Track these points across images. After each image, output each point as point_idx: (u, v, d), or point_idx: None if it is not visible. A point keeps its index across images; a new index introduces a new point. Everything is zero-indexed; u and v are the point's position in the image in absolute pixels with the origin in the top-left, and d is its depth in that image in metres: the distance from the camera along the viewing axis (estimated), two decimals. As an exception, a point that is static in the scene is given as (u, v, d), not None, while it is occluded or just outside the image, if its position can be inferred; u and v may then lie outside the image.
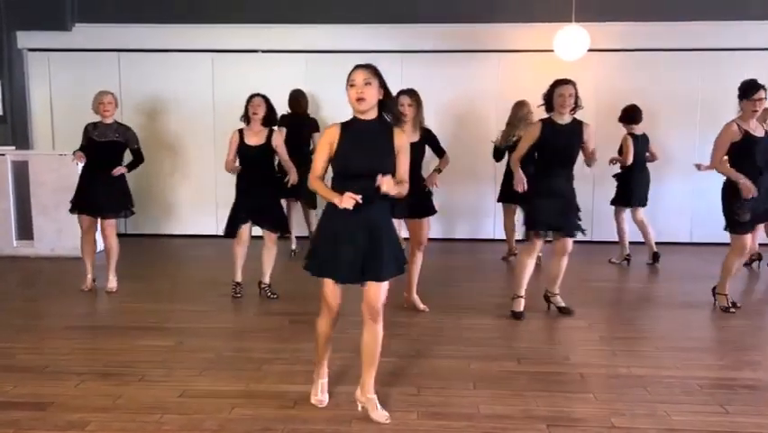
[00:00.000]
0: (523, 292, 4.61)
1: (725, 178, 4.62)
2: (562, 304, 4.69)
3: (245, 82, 6.84)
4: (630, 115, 6.32)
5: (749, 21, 7.05)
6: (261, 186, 4.93)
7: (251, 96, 4.95)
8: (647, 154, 6.40)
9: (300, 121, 6.50)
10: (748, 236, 4.57)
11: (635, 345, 4.11)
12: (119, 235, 5.42)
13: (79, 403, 3.16)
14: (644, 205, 6.42)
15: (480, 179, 7.46)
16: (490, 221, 7.62)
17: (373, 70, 2.83)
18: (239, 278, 5.11)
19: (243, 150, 4.92)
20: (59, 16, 7.42)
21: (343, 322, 3.18)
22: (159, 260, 6.80)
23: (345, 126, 2.89)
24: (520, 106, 6.07)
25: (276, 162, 5.26)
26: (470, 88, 7.49)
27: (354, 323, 3.15)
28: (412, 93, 4.50)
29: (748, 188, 4.38)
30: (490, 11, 7.20)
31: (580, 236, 4.54)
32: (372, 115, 2.87)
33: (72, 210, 5.24)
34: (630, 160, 6.25)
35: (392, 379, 3.46)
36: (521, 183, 4.49)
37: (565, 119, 4.42)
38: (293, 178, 4.94)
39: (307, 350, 3.88)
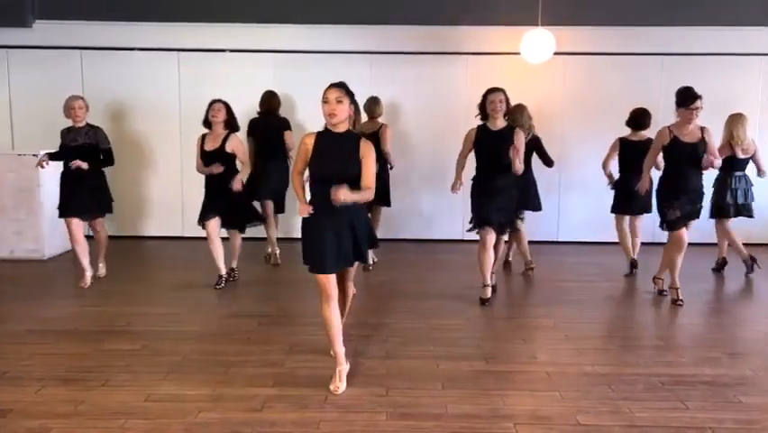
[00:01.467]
0: (488, 281, 4.98)
1: (659, 180, 5.05)
2: (486, 296, 4.95)
3: (212, 82, 6.80)
4: (631, 120, 5.92)
5: (712, 26, 7.26)
6: (223, 188, 5.15)
7: (212, 102, 5.21)
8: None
9: (271, 121, 6.44)
10: (682, 231, 4.90)
11: (599, 343, 4.19)
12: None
13: (40, 409, 3.08)
14: (643, 212, 6.04)
15: (447, 179, 7.49)
16: (458, 222, 7.68)
17: (345, 89, 3.23)
18: (222, 271, 5.36)
19: (203, 155, 5.22)
20: (18, 12, 7.21)
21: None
22: (125, 262, 6.66)
23: (320, 135, 3.30)
24: (521, 111, 5.73)
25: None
26: (439, 90, 7.53)
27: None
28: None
29: (643, 183, 5.15)
30: (458, 13, 7.26)
31: (546, 237, 4.62)
32: (344, 127, 3.27)
33: (60, 215, 5.32)
34: (608, 167, 6.03)
35: (361, 380, 3.46)
36: (456, 185, 5.01)
37: (498, 124, 4.78)
38: (236, 184, 5.16)
39: (276, 352, 3.87)
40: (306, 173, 3.43)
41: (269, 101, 6.50)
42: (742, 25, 7.25)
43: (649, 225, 7.30)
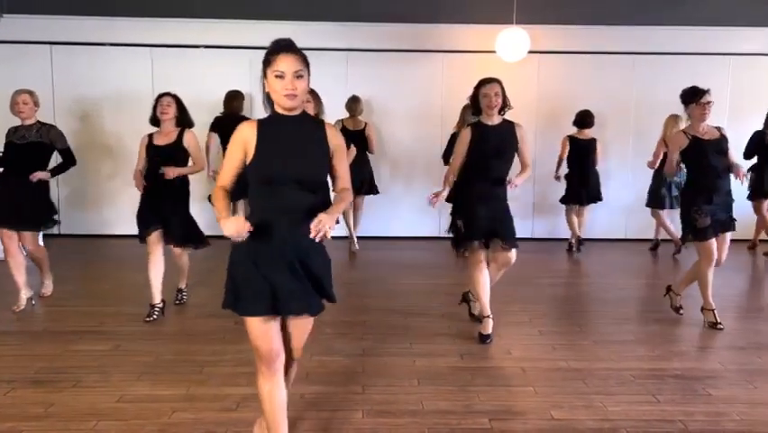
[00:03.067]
0: (488, 311, 4.14)
1: (684, 189, 4.61)
2: (487, 331, 4.17)
3: (186, 79, 6.71)
4: (576, 120, 6.79)
5: (682, 26, 7.40)
6: (170, 193, 4.43)
7: (160, 96, 4.46)
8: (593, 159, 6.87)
9: (232, 123, 6.38)
10: (712, 242, 4.34)
11: (573, 338, 4.24)
12: (56, 236, 5.14)
13: (10, 412, 3.02)
14: (592, 201, 6.91)
15: (424, 177, 7.52)
16: (436, 220, 7.71)
17: (304, 59, 2.26)
18: (155, 299, 4.50)
19: (152, 152, 4.42)
20: (-15, 6, 7.06)
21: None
22: (97, 261, 6.57)
23: (264, 124, 2.32)
24: (467, 109, 6.04)
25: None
26: (415, 88, 7.55)
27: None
28: (311, 90, 4.25)
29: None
30: (435, 11, 7.28)
31: (520, 234, 4.42)
32: (299, 109, 2.33)
33: None
34: (562, 163, 6.84)
35: (337, 378, 3.46)
36: (445, 191, 4.07)
37: (494, 120, 4.05)
38: (171, 172, 4.31)
39: (251, 351, 3.81)
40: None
41: (230, 103, 6.45)
42: (711, 25, 7.40)
43: (621, 221, 7.41)
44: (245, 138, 2.29)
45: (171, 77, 7.17)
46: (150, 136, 4.53)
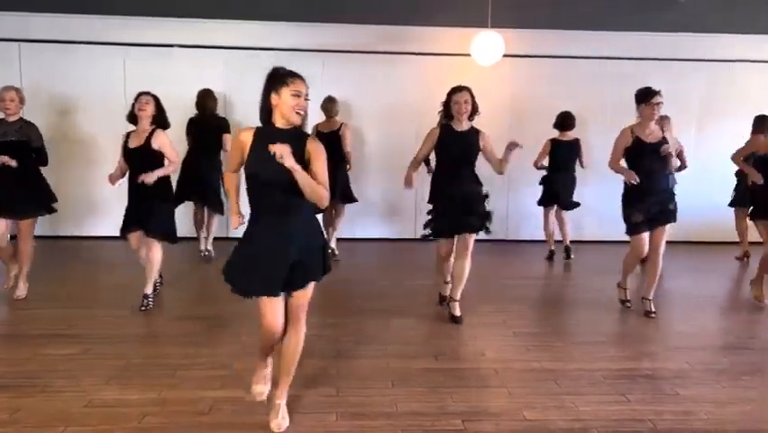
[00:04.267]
0: (449, 279, 4.78)
1: (624, 185, 4.81)
2: (458, 313, 4.56)
3: (160, 79, 6.62)
4: (557, 122, 6.73)
5: (653, 32, 7.54)
6: (146, 192, 4.48)
7: (139, 94, 4.57)
8: (579, 160, 6.74)
9: (208, 122, 6.34)
10: (643, 237, 4.69)
11: (546, 340, 4.28)
12: (35, 237, 5.06)
13: (-27, 418, 2.95)
14: (567, 207, 6.78)
15: (397, 178, 7.51)
16: (412, 221, 7.73)
17: None
18: (148, 289, 4.69)
19: (126, 154, 4.54)
20: (-49, 2, 6.89)
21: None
22: (72, 262, 6.45)
23: (259, 132, 2.77)
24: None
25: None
26: (391, 90, 7.57)
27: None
28: None
29: (629, 173, 4.58)
30: (410, 14, 7.30)
31: (499, 235, 4.62)
32: (290, 124, 2.77)
33: None
34: (540, 162, 6.74)
35: (311, 381, 3.44)
36: (409, 182, 4.64)
37: (463, 126, 4.44)
38: (149, 178, 4.39)
39: (224, 355, 3.81)
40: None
41: (204, 100, 6.40)
42: (682, 32, 7.55)
43: (595, 223, 7.50)
44: (243, 141, 2.78)
45: (144, 76, 7.08)
46: (128, 136, 4.62)
